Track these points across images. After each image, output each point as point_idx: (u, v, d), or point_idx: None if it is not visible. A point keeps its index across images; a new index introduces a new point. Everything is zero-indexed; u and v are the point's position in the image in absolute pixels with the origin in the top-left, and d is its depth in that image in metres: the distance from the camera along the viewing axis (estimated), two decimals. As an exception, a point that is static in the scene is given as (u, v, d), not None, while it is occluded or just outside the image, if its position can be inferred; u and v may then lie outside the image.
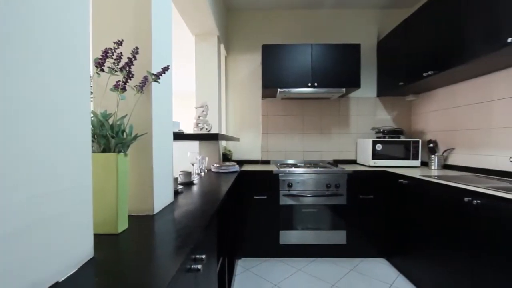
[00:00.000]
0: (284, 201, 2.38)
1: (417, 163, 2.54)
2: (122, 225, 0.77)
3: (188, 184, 1.63)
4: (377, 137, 2.71)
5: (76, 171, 0.54)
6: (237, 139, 2.63)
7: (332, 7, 2.92)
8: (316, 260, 2.39)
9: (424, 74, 2.09)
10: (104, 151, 0.75)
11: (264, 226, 2.40)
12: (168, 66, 0.88)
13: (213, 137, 1.52)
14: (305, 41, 2.92)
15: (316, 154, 2.99)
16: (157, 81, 0.86)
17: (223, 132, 2.95)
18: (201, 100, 2.32)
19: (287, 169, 2.41)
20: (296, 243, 2.40)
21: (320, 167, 2.51)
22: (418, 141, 2.55)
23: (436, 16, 2.01)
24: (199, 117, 1.92)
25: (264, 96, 2.90)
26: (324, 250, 2.42)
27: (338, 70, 2.54)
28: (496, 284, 1.28)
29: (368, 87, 2.95)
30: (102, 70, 0.72)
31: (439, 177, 1.84)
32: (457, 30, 1.80)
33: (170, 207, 1.05)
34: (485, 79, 2.01)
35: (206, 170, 2.27)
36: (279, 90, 2.53)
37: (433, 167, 2.40)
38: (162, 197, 1.01)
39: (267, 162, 2.98)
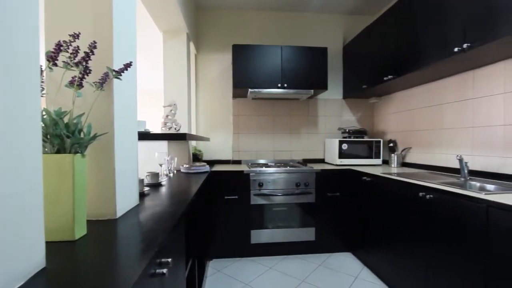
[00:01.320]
0: (255, 200, 2.40)
1: (379, 161, 2.71)
2: (80, 231, 0.72)
3: (156, 185, 1.57)
4: (343, 137, 2.84)
5: (23, 175, 0.49)
6: (207, 139, 2.60)
7: (301, 10, 3.00)
8: (286, 258, 2.44)
9: (385, 78, 2.24)
10: (58, 152, 0.69)
11: (236, 226, 2.39)
12: (131, 62, 0.84)
13: (181, 137, 1.48)
14: (275, 42, 2.96)
15: (286, 154, 3.06)
16: (118, 78, 0.81)
17: (193, 132, 2.89)
18: (170, 99, 2.26)
19: (257, 169, 2.43)
20: (267, 241, 2.43)
21: (290, 167, 2.57)
22: (380, 141, 2.72)
23: (395, 25, 2.16)
24: (167, 116, 1.86)
25: (235, 96, 2.89)
26: (294, 247, 2.48)
27: (307, 72, 2.62)
28: (447, 268, 1.41)
29: (335, 89, 3.08)
30: (55, 65, 0.67)
31: (398, 174, 1.98)
32: (413, 38, 1.95)
33: (135, 210, 1.00)
34: (437, 84, 2.20)
35: (175, 171, 2.20)
36: (249, 90, 2.54)
37: (393, 165, 2.57)
38: (125, 200, 0.96)
39: (238, 162, 2.98)
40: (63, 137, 0.68)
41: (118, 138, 0.90)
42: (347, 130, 2.89)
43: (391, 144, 2.65)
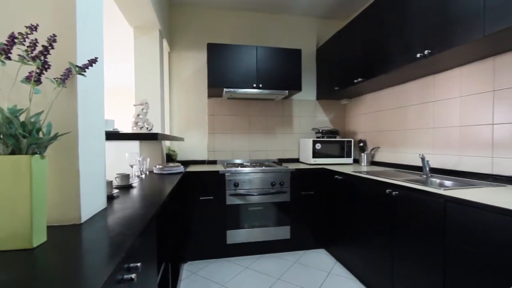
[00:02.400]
0: (231, 200, 2.39)
1: (350, 160, 2.82)
2: (39, 238, 0.67)
3: (126, 187, 1.50)
4: (317, 137, 2.92)
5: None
6: (181, 139, 2.54)
7: (276, 12, 3.04)
8: (262, 257, 2.46)
9: (355, 81, 2.34)
10: (13, 152, 0.64)
11: (211, 227, 2.37)
12: (96, 58, 0.79)
13: (153, 137, 1.43)
14: (250, 42, 2.97)
15: (262, 154, 3.08)
16: (82, 74, 0.77)
17: (167, 132, 2.81)
18: (141, 97, 2.17)
19: (233, 169, 2.42)
20: (243, 241, 2.43)
21: (265, 166, 2.59)
22: (351, 141, 2.83)
23: (364, 31, 2.26)
24: (138, 115, 1.79)
25: (210, 95, 2.85)
26: (270, 246, 2.50)
27: (282, 73, 2.66)
28: (410, 259, 1.50)
29: (308, 90, 3.16)
30: (9, 58, 0.61)
31: (367, 173, 2.08)
32: (380, 44, 2.05)
33: (102, 213, 0.95)
34: (402, 87, 2.34)
35: (147, 172, 2.13)
36: (225, 89, 2.52)
37: (363, 164, 2.70)
38: (91, 204, 0.91)
39: (213, 162, 2.95)
40: (19, 137, 0.63)
41: (82, 137, 0.85)
42: (320, 130, 2.98)
43: (361, 144, 2.78)
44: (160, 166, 2.17)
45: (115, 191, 1.30)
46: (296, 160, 3.14)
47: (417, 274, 1.45)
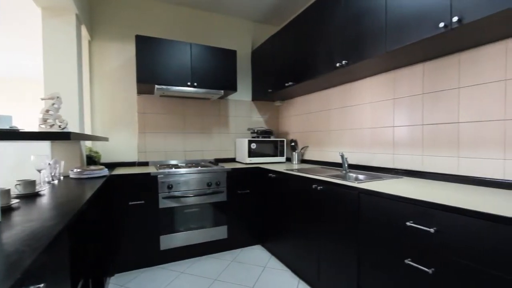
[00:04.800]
0: (165, 204, 2.26)
1: (283, 159, 3.00)
2: None
3: (31, 196, 1.27)
4: (252, 137, 3.01)
5: None
6: (105, 139, 2.28)
7: (212, 11, 3.01)
8: (200, 259, 2.40)
9: (286, 84, 2.50)
10: None
11: (143, 234, 2.20)
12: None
13: (65, 136, 1.23)
14: (184, 39, 2.87)
15: (198, 154, 3.01)
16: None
17: (88, 131, 2.49)
18: (52, 90, 1.87)
19: (166, 170, 2.29)
20: (179, 245, 2.33)
21: (201, 167, 2.54)
22: (283, 140, 3.02)
23: (293, 38, 2.43)
24: (47, 111, 1.53)
25: (140, 91, 2.64)
26: (208, 247, 2.47)
27: (217, 72, 2.65)
28: (332, 245, 1.68)
29: (244, 91, 3.23)
30: None
31: (297, 170, 2.24)
32: (307, 52, 2.24)
33: (-7, 230, 0.78)
34: (327, 92, 2.60)
35: (61, 177, 1.84)
36: (156, 86, 2.37)
37: (294, 162, 2.90)
38: (-24, 219, 0.74)
39: (145, 164, 2.74)
40: None
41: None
42: (255, 131, 3.08)
43: (293, 143, 2.98)
44: (79, 170, 1.91)
45: (15, 201, 1.09)
46: (233, 160, 3.18)
47: (338, 257, 1.64)
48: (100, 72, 2.58)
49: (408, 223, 1.18)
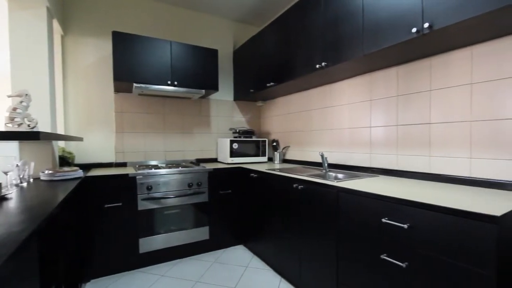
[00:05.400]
0: (144, 205, 2.20)
1: (264, 159, 3.02)
2: None
3: (-4, 200, 1.19)
4: (234, 137, 3.00)
5: None
6: (79, 139, 2.18)
7: (193, 9, 2.96)
8: (181, 261, 2.36)
9: (267, 85, 2.51)
10: None
11: (120, 237, 2.12)
12: None
13: (33, 136, 1.16)
14: (164, 37, 2.81)
15: (179, 154, 2.95)
16: None
17: (61, 131, 2.37)
18: (20, 87, 1.76)
19: (145, 171, 2.23)
20: (159, 248, 2.27)
21: (182, 167, 2.50)
22: (265, 140, 3.03)
23: (275, 39, 2.45)
24: (15, 109, 1.44)
25: (117, 90, 2.55)
26: (189, 249, 2.43)
27: (198, 71, 2.61)
28: (313, 242, 1.72)
29: (226, 91, 3.22)
30: None
31: (279, 170, 2.26)
32: (288, 52, 2.27)
33: (-48, 237, 0.72)
34: (308, 93, 2.65)
35: (31, 179, 1.74)
36: (135, 85, 2.30)
37: (276, 162, 2.93)
38: None
39: (123, 165, 2.65)
40: None
41: None
42: (237, 130, 3.08)
43: (274, 143, 3.01)
44: (50, 172, 1.81)
45: (-23, 206, 1.01)
46: (215, 160, 3.15)
47: (318, 254, 1.67)
48: (75, 68, 2.47)
49: (383, 220, 1.23)
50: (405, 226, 1.14)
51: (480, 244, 0.92)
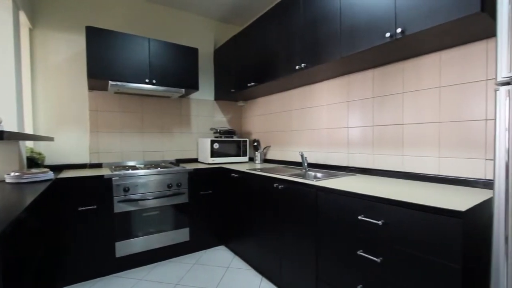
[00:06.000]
0: (120, 208, 2.13)
1: (246, 159, 3.02)
2: None
3: (-47, 206, 1.09)
4: (215, 137, 2.98)
5: None
6: (49, 139, 2.06)
7: (173, 6, 2.90)
8: (160, 264, 2.31)
9: (248, 85, 2.52)
10: None
11: (95, 241, 2.03)
12: None
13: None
14: (141, 33, 2.73)
15: (158, 154, 2.88)
16: None
17: (29, 130, 2.23)
18: (-18, 84, 1.64)
19: (122, 172, 2.16)
20: (137, 251, 2.21)
21: (161, 167, 2.44)
22: (246, 140, 3.04)
23: (256, 39, 2.46)
24: (-24, 107, 1.34)
25: (92, 87, 2.45)
26: (168, 251, 2.38)
27: (177, 70, 2.56)
28: (294, 241, 1.74)
29: (206, 90, 3.18)
30: None
31: (260, 170, 2.27)
32: (269, 53, 2.28)
33: None
34: (288, 93, 2.68)
35: (-6, 183, 1.62)
36: (110, 82, 2.22)
37: (257, 162, 2.94)
38: None
39: (98, 166, 2.54)
40: None
41: None
42: (218, 130, 3.06)
43: (255, 143, 3.02)
44: (17, 174, 1.70)
45: None
46: (195, 160, 3.11)
47: (298, 252, 1.70)
48: (45, 64, 2.33)
49: (360, 217, 1.28)
50: (380, 222, 1.19)
51: (447, 238, 0.98)
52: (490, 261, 0.87)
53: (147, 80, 2.38)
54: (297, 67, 1.94)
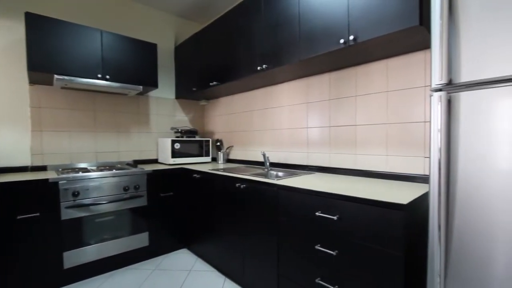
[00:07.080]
0: (69, 214, 1.94)
1: (208, 159, 2.98)
2: None
3: None
4: (176, 137, 2.88)
5: None
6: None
7: (129, -3, 2.73)
8: (116, 272, 2.16)
9: (211, 84, 2.48)
10: None
11: (38, 253, 1.83)
12: None
13: None
14: (91, 24, 2.52)
15: (113, 155, 2.69)
16: None
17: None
18: None
19: (71, 175, 1.97)
20: (89, 260, 2.04)
21: (116, 169, 2.28)
22: (209, 140, 2.99)
23: (218, 38, 2.43)
24: None
25: (33, 81, 2.20)
26: (126, 258, 2.24)
27: (134, 66, 2.43)
28: (256, 239, 1.76)
29: (167, 88, 3.06)
30: None
31: (222, 170, 2.26)
32: (231, 53, 2.28)
33: None
34: (250, 93, 2.70)
35: None
36: (56, 77, 2.01)
37: (220, 162, 2.91)
38: None
39: (42, 168, 2.29)
40: None
41: None
42: (179, 130, 2.96)
43: (218, 143, 2.99)
44: None
45: None
46: (155, 161, 2.97)
47: (260, 250, 1.73)
48: (-28, 53, 2.03)
49: (317, 213, 1.34)
50: (335, 217, 1.26)
51: (392, 229, 1.08)
52: (426, 247, 0.98)
53: (99, 76, 2.21)
54: (258, 68, 1.97)
